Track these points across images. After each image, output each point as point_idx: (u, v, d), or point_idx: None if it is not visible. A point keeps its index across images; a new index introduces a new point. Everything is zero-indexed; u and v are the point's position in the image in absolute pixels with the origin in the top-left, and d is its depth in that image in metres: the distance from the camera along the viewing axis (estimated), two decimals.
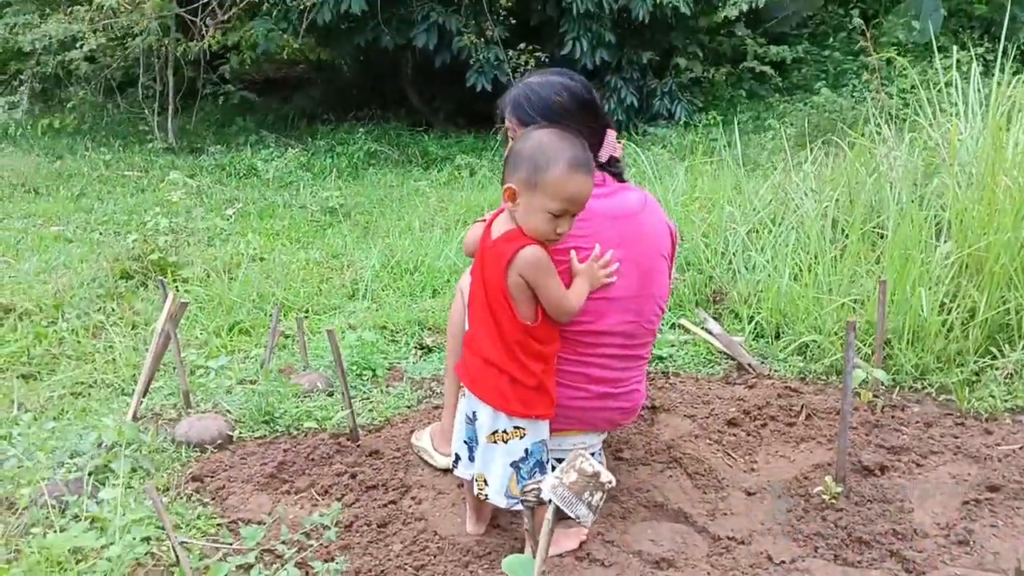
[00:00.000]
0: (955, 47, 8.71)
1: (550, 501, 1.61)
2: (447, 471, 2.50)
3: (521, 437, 1.97)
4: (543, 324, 1.95)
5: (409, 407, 3.02)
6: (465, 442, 2.06)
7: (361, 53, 9.58)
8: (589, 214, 1.99)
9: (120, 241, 4.90)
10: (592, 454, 2.14)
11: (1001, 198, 3.13)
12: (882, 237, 3.65)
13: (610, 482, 1.62)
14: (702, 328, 3.45)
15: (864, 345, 3.16)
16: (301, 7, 7.86)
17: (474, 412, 2.00)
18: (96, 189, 6.96)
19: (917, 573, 1.97)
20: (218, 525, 2.17)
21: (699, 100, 9.05)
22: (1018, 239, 2.98)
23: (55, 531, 2.00)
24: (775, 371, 3.18)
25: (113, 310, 3.91)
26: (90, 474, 2.34)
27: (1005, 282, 3.02)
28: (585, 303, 1.99)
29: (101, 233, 5.53)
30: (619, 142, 2.17)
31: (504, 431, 1.96)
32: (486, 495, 2.01)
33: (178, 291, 4.14)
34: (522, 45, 8.35)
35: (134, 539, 1.94)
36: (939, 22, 9.17)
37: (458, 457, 2.09)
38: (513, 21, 8.43)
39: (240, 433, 2.74)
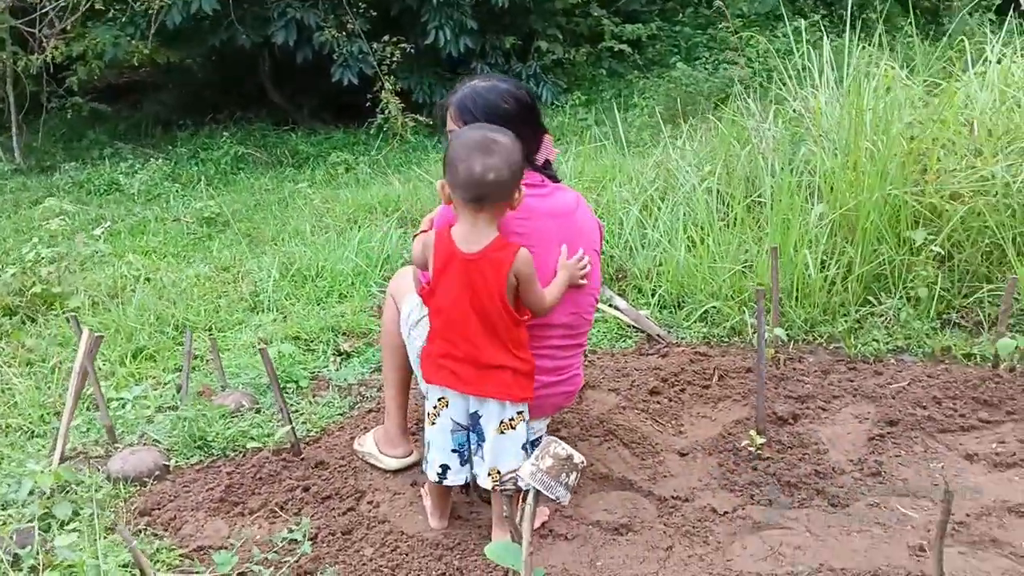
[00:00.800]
0: (795, 15, 9.34)
1: (529, 487, 1.72)
2: (397, 472, 2.57)
3: (524, 420, 2.11)
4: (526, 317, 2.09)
5: (342, 415, 3.04)
6: (454, 451, 2.12)
7: (215, 53, 9.25)
8: (530, 213, 2.10)
9: None
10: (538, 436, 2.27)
11: (864, 161, 3.46)
12: (760, 205, 3.94)
13: (582, 462, 1.74)
14: (609, 305, 3.64)
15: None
16: (148, 10, 7.50)
17: (474, 412, 2.08)
18: None
19: (842, 506, 2.22)
20: (181, 556, 2.16)
21: (563, 81, 9.30)
22: (883, 198, 3.31)
23: None
24: (682, 339, 3.41)
25: (2, 349, 3.69)
26: (29, 522, 2.25)
27: (876, 237, 3.35)
28: None
29: None
30: (555, 148, 2.28)
31: (511, 418, 2.08)
32: (509, 478, 2.08)
33: (68, 323, 3.94)
34: (386, 37, 8.31)
35: None
36: None
37: (446, 467, 2.14)
38: (374, 13, 8.37)
39: (176, 462, 2.69)
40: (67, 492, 2.47)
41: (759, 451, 2.45)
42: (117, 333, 3.83)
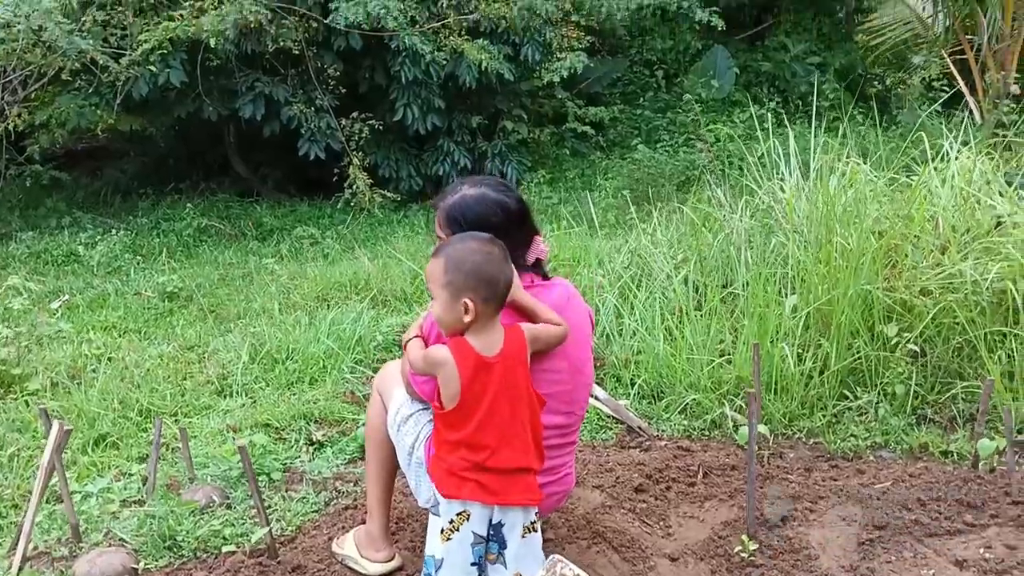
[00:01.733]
0: (747, 100, 9.69)
1: None
2: None
3: (537, 518, 2.09)
4: None
5: (317, 511, 2.94)
6: (474, 563, 2.04)
7: (179, 123, 9.22)
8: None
9: None
10: None
11: (835, 256, 3.55)
12: (731, 295, 3.99)
13: None
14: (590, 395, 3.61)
15: (736, 398, 3.45)
16: (115, 81, 7.46)
17: (498, 522, 2.03)
18: None
19: None
20: None
21: (527, 160, 9.44)
22: (857, 293, 3.38)
23: None
24: (663, 431, 3.40)
25: None
26: None
27: (850, 332, 3.41)
28: None
29: None
30: (544, 244, 2.29)
31: (532, 522, 2.07)
32: None
33: (28, 406, 3.79)
34: (354, 113, 8.38)
35: None
36: (732, 79, 10.17)
37: None
38: (342, 90, 8.45)
39: (145, 564, 2.56)
40: None
41: (752, 557, 2.42)
42: (79, 418, 3.68)
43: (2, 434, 3.51)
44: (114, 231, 7.64)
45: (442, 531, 2.05)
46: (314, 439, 3.52)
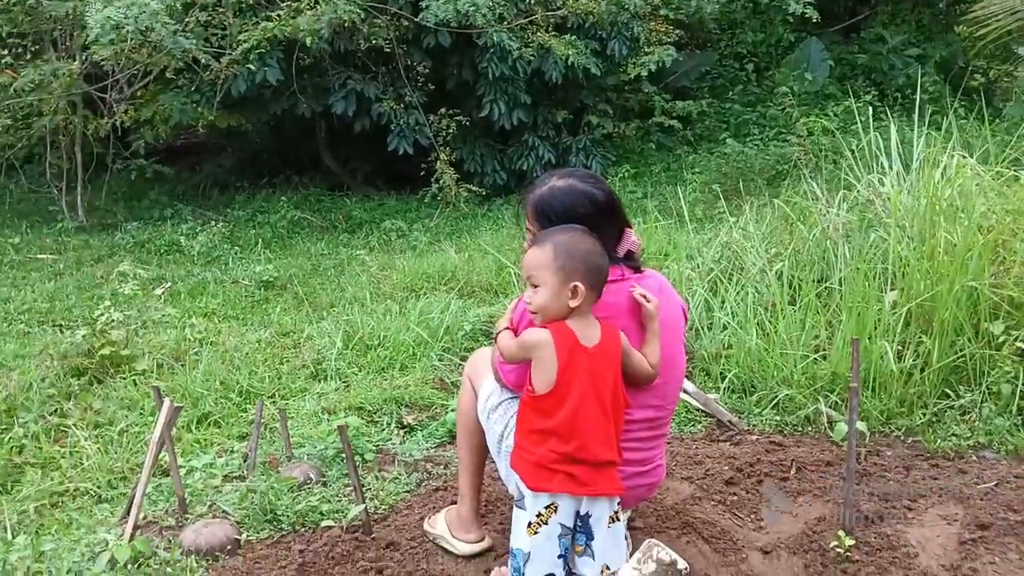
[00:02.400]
0: (841, 94, 9.40)
1: None
2: (471, 558, 2.52)
3: (620, 508, 2.10)
4: None
5: (409, 492, 3.01)
6: (560, 556, 2.05)
7: (273, 119, 9.53)
8: (615, 309, 2.10)
9: (59, 335, 4.69)
10: None
11: (940, 251, 3.42)
12: (827, 290, 3.90)
13: (686, 569, 1.70)
14: None
15: (831, 394, 3.37)
16: (215, 79, 7.77)
17: (586, 514, 2.04)
18: (8, 275, 6.62)
19: None
20: None
21: (612, 155, 9.40)
22: (963, 290, 3.26)
23: None
24: (753, 425, 3.35)
25: (70, 411, 3.74)
26: None
27: (954, 329, 3.29)
28: None
29: (26, 324, 5.28)
30: (635, 236, 2.28)
31: (616, 512, 2.08)
32: None
33: (136, 385, 4.00)
34: (442, 109, 8.50)
35: None
36: (826, 72, 9.89)
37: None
38: (431, 87, 8.58)
39: (247, 536, 2.68)
40: (140, 565, 2.46)
41: (848, 553, 2.37)
42: (184, 398, 3.86)
43: (113, 411, 3.72)
44: (213, 222, 7.96)
45: (529, 525, 2.04)
46: (405, 423, 3.61)
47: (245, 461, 3.24)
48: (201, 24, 7.23)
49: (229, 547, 2.59)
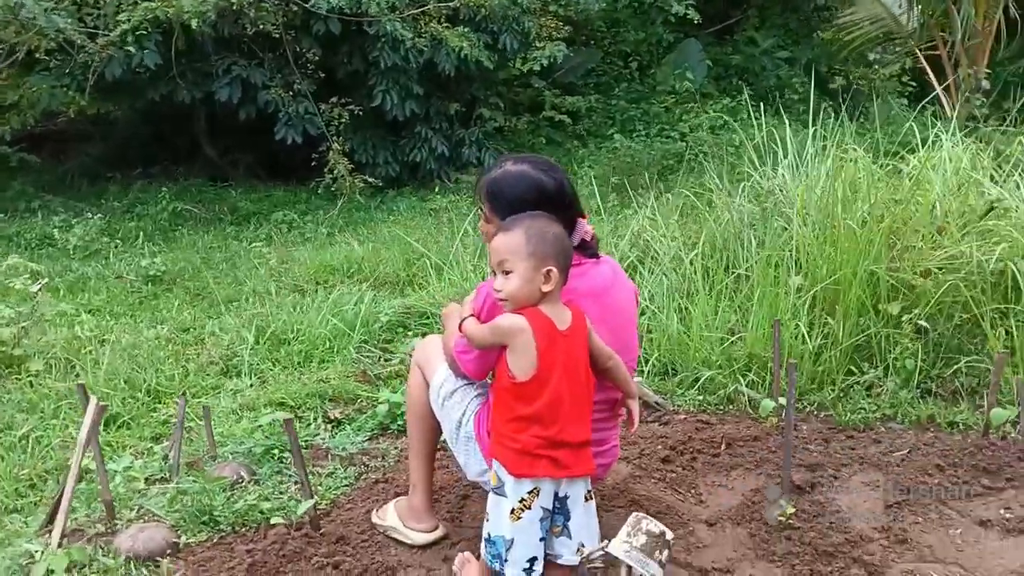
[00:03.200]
0: (718, 92, 9.84)
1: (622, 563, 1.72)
2: (425, 548, 2.50)
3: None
4: None
5: (348, 486, 2.95)
6: (542, 539, 2.05)
7: (149, 106, 9.04)
8: (574, 295, 2.14)
9: None
10: None
11: (842, 239, 3.67)
12: (736, 276, 4.09)
13: (672, 538, 1.76)
14: None
15: (749, 373, 3.55)
16: (89, 62, 7.29)
17: (564, 495, 2.05)
18: None
19: (879, 574, 2.29)
20: None
21: (504, 148, 9.48)
22: (864, 273, 3.51)
23: None
24: (679, 406, 3.48)
25: None
26: None
27: (856, 311, 3.53)
28: None
29: None
30: (589, 225, 2.32)
31: (589, 490, 2.11)
32: (597, 554, 2.04)
33: (32, 387, 3.72)
34: (333, 99, 8.32)
35: None
36: (704, 72, 10.33)
37: (533, 560, 2.05)
38: (321, 75, 8.38)
39: (186, 539, 2.55)
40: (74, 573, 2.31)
41: (788, 520, 2.50)
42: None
43: (11, 415, 3.45)
44: (88, 214, 7.48)
45: (512, 511, 2.03)
46: (331, 417, 3.52)
47: (166, 462, 3.08)
48: (76, 2, 6.76)
49: (168, 551, 2.46)
